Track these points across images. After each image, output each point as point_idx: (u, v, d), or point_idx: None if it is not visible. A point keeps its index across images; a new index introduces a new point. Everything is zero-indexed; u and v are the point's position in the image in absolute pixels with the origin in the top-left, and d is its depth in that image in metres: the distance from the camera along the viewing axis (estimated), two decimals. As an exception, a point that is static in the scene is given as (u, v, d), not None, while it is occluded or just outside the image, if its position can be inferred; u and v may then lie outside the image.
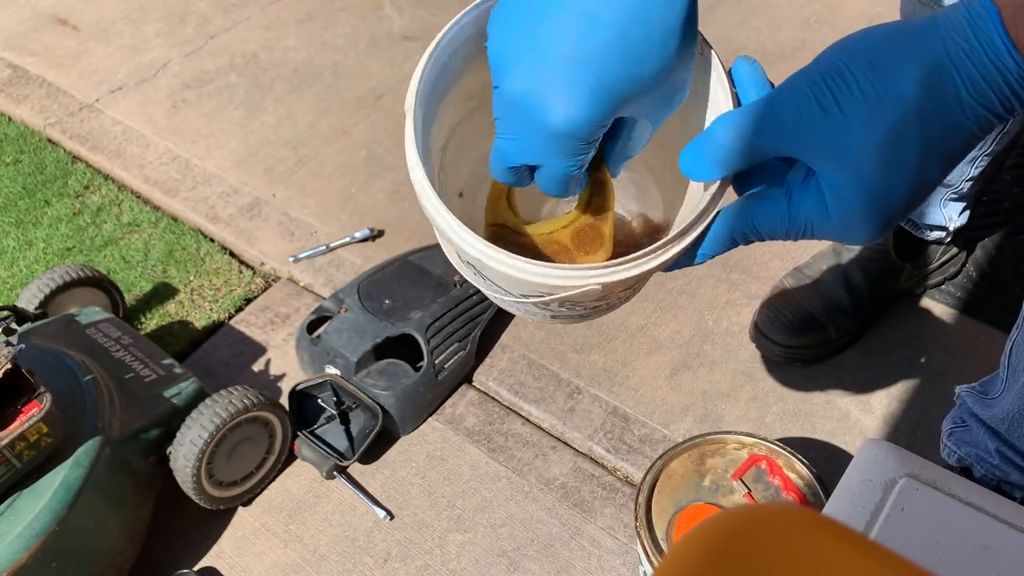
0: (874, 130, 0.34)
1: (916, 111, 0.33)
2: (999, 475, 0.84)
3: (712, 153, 0.39)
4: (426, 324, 1.13)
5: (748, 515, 0.23)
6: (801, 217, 0.38)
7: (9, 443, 0.86)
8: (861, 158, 0.34)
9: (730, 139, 0.38)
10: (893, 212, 0.36)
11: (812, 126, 0.35)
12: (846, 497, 0.60)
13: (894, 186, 0.35)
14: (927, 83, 0.33)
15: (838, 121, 0.35)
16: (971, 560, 0.55)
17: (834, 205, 0.36)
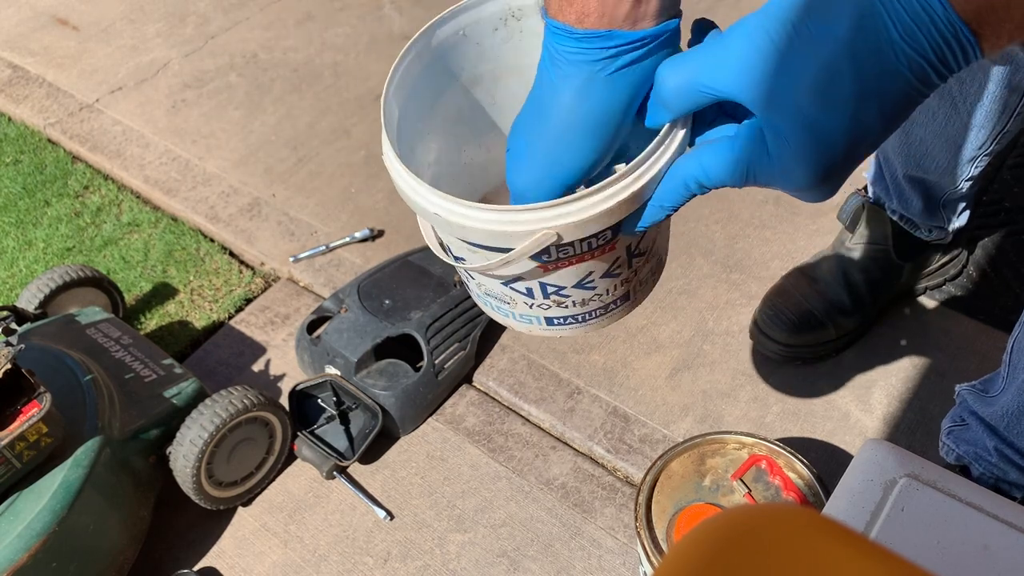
0: (807, 68, 0.35)
1: (848, 49, 0.34)
2: (997, 473, 0.84)
3: (657, 95, 0.41)
4: (426, 324, 1.13)
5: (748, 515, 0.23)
6: (744, 159, 0.39)
7: (9, 443, 0.86)
8: (797, 96, 0.35)
9: (673, 81, 0.40)
10: (833, 157, 0.37)
11: (750, 66, 0.36)
12: (846, 497, 0.60)
13: (831, 126, 0.36)
14: (858, 23, 0.34)
15: (774, 60, 0.36)
16: (971, 560, 0.55)
17: (774, 147, 0.37)
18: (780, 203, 1.33)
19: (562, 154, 0.42)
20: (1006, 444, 0.81)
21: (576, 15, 0.40)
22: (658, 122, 0.42)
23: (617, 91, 0.41)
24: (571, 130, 0.41)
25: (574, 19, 0.40)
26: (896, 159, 1.03)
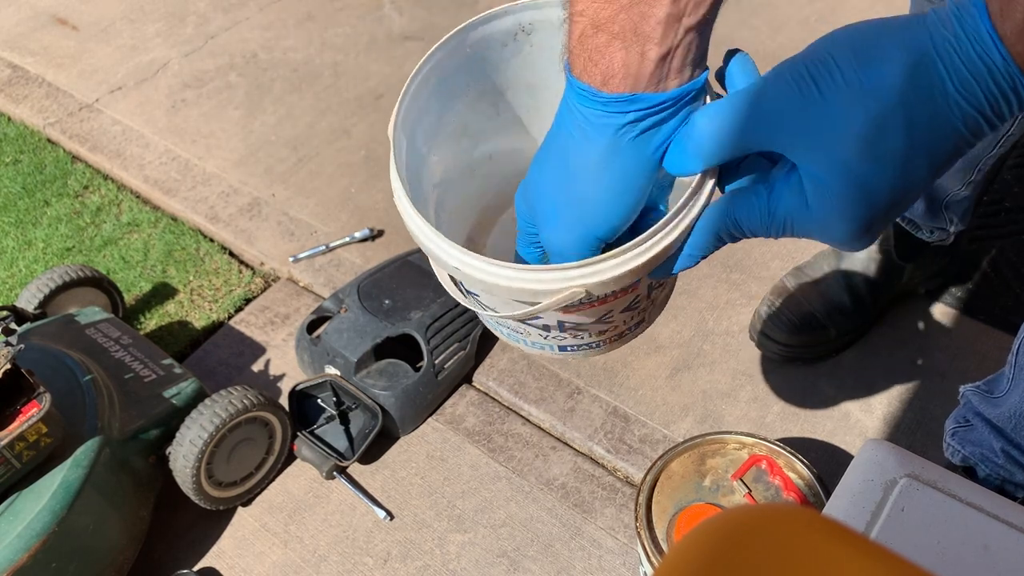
0: (856, 119, 0.33)
1: (900, 101, 0.32)
2: (1003, 475, 0.84)
3: (692, 144, 0.39)
4: (426, 324, 1.13)
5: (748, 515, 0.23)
6: (781, 211, 0.38)
7: (8, 443, 0.86)
8: (843, 148, 0.34)
9: (711, 129, 0.38)
10: (876, 211, 0.35)
11: (793, 116, 0.35)
12: (846, 497, 0.60)
13: (877, 181, 0.34)
14: (912, 73, 0.32)
15: (820, 110, 0.34)
16: (971, 560, 0.55)
17: (814, 198, 0.36)
18: (780, 203, 1.33)
19: (595, 215, 0.42)
20: (1013, 445, 0.81)
21: (601, 77, 0.38)
22: (689, 171, 0.41)
23: (644, 152, 0.40)
24: (601, 191, 0.41)
25: (599, 81, 0.39)
26: None
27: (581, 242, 0.42)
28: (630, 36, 0.37)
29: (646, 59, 0.38)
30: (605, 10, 0.37)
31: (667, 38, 0.38)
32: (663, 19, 0.37)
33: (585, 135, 0.40)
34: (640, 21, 0.37)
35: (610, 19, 0.37)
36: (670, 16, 0.37)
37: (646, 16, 0.37)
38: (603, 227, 0.42)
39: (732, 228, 0.40)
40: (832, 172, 0.34)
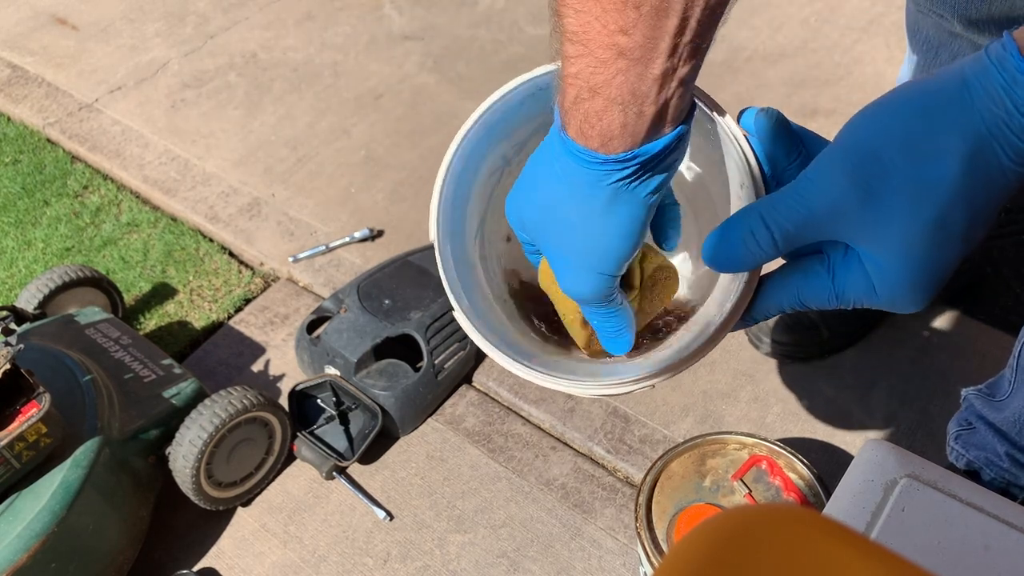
0: (919, 217, 0.33)
1: (961, 192, 0.33)
2: (1008, 478, 0.84)
3: (741, 248, 0.39)
4: (426, 324, 1.13)
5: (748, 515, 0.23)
6: (848, 295, 0.38)
7: (8, 443, 0.86)
8: (907, 243, 0.34)
9: (761, 234, 0.38)
10: (941, 281, 0.36)
11: (852, 213, 0.35)
12: (847, 497, 0.60)
13: (942, 263, 0.35)
14: (970, 162, 0.32)
15: (880, 211, 0.34)
16: (972, 561, 0.55)
17: (881, 285, 0.36)
18: (780, 203, 1.33)
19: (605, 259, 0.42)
20: (1017, 449, 0.81)
21: (600, 139, 0.38)
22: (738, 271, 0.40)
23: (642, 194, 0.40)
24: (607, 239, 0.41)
25: (598, 144, 0.38)
26: None
27: (597, 284, 0.43)
28: (628, 98, 0.37)
29: (643, 117, 0.37)
30: (600, 74, 0.36)
31: (662, 92, 0.37)
32: (659, 76, 0.36)
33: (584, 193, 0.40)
34: (637, 82, 0.36)
35: (606, 83, 0.36)
36: (666, 72, 0.36)
37: (643, 76, 0.36)
38: (614, 266, 0.42)
39: (796, 305, 0.40)
40: (898, 261, 0.35)
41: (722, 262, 0.40)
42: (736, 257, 0.39)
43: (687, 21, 0.35)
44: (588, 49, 0.36)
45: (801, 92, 1.56)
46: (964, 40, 0.83)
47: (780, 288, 0.41)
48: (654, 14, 0.34)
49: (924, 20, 0.86)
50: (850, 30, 1.68)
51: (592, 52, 0.36)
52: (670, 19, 0.34)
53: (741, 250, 0.39)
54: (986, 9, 0.72)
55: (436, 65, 1.77)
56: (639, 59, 0.35)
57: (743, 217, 0.39)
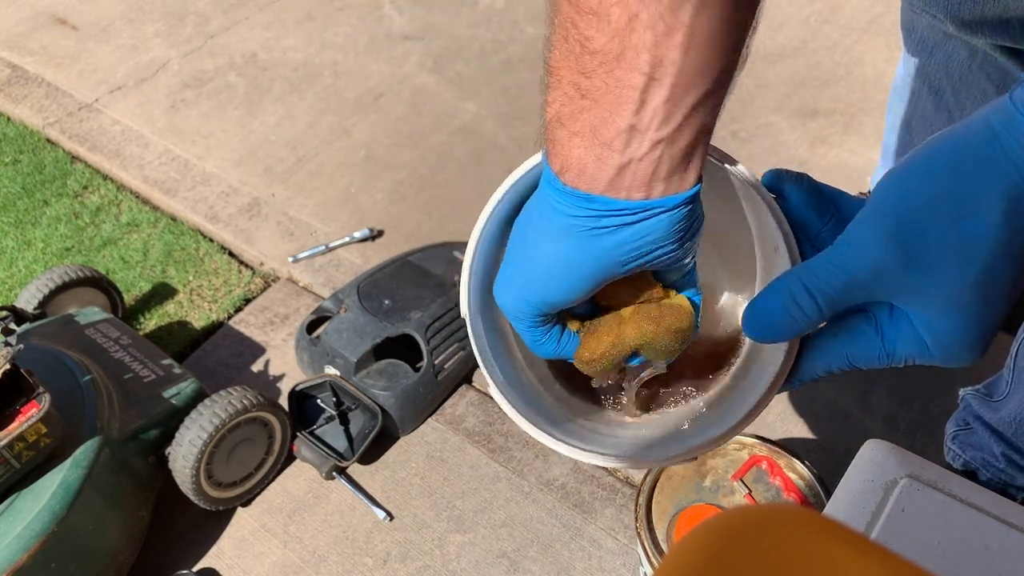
0: (964, 276, 0.33)
1: (1003, 245, 0.32)
2: (1005, 479, 0.84)
3: (784, 316, 0.38)
4: (426, 324, 1.13)
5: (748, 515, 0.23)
6: (900, 353, 0.37)
7: (8, 444, 0.86)
8: (955, 303, 0.34)
9: (804, 301, 0.37)
10: (993, 332, 0.36)
11: (895, 279, 0.34)
12: (847, 498, 0.60)
13: (992, 315, 0.34)
14: (1009, 214, 0.32)
15: (924, 273, 0.34)
16: (972, 561, 0.55)
17: (933, 342, 0.36)
18: (780, 203, 1.33)
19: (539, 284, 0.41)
20: (1014, 450, 0.81)
21: (560, 166, 0.38)
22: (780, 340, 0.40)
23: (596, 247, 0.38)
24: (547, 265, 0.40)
25: (557, 169, 0.38)
26: None
27: (524, 304, 0.42)
28: (589, 137, 0.36)
29: (604, 164, 0.36)
30: (567, 107, 0.36)
31: (629, 148, 0.36)
32: (624, 129, 0.35)
33: (543, 210, 0.39)
34: (599, 125, 0.36)
35: (571, 116, 0.36)
36: (632, 127, 0.35)
37: (605, 122, 0.35)
38: (545, 298, 0.41)
39: (845, 366, 0.40)
40: (948, 320, 0.35)
41: (764, 331, 0.39)
42: (779, 325, 0.39)
43: (654, 82, 0.34)
44: (559, 83, 0.36)
45: (801, 92, 1.56)
46: (958, 41, 0.83)
47: (826, 350, 0.40)
48: (613, 63, 0.34)
49: (918, 20, 0.86)
50: (850, 30, 1.68)
51: (562, 86, 0.36)
52: (632, 74, 0.34)
53: (784, 318, 0.38)
54: (979, 10, 0.72)
55: (436, 65, 1.77)
56: (601, 104, 0.35)
57: (783, 285, 0.38)
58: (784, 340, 0.40)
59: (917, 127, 0.95)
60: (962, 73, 0.85)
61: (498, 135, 1.57)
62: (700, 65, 0.34)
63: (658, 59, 0.33)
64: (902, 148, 0.99)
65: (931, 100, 0.91)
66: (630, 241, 0.38)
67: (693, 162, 0.38)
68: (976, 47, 0.81)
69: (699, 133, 0.37)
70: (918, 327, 0.36)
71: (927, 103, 0.92)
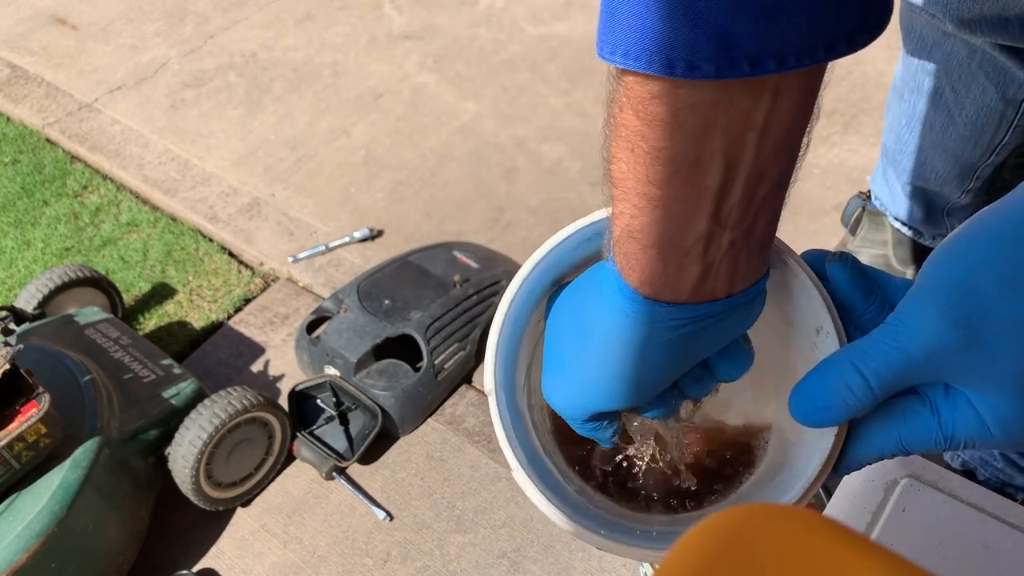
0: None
1: None
2: (1003, 478, 0.84)
3: (835, 399, 0.36)
4: (426, 324, 1.13)
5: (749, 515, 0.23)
6: (959, 436, 0.35)
7: (8, 444, 0.86)
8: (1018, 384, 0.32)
9: (856, 383, 0.35)
10: None
11: (954, 359, 0.33)
12: (847, 498, 0.60)
13: None
14: None
15: (985, 352, 0.32)
16: (972, 561, 0.55)
17: (997, 426, 0.34)
18: (780, 203, 1.33)
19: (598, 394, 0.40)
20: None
21: (638, 280, 0.36)
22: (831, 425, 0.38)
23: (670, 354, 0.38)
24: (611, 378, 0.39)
25: (636, 283, 0.36)
26: (897, 168, 1.02)
27: (581, 410, 0.41)
28: (667, 248, 0.35)
29: (686, 273, 0.35)
30: (638, 219, 0.35)
31: (708, 252, 0.35)
32: (702, 235, 0.34)
33: (612, 317, 0.38)
34: (676, 235, 0.35)
35: (643, 230, 0.35)
36: (711, 232, 0.34)
37: (682, 230, 0.34)
38: (616, 404, 0.40)
39: (898, 452, 0.38)
40: (1013, 404, 0.33)
41: (813, 415, 0.38)
42: (829, 409, 0.37)
43: (729, 182, 0.33)
44: (626, 195, 0.35)
45: (801, 92, 1.56)
46: (957, 40, 0.83)
47: (876, 434, 0.38)
48: (687, 171, 0.33)
49: (917, 19, 0.86)
50: (850, 30, 1.68)
51: (629, 198, 0.35)
52: (707, 178, 0.33)
53: (835, 401, 0.36)
54: (977, 9, 0.72)
55: (436, 65, 1.77)
56: (675, 214, 0.34)
57: (832, 366, 0.37)
58: (833, 425, 0.38)
59: (916, 126, 0.95)
60: (961, 72, 0.85)
61: (498, 135, 1.57)
62: (772, 156, 0.33)
63: (733, 159, 0.33)
64: (901, 147, 0.99)
65: (930, 99, 0.91)
66: (714, 338, 0.38)
67: (766, 248, 0.37)
68: (975, 46, 0.81)
69: (772, 220, 0.36)
70: (979, 409, 0.34)
71: (926, 102, 0.92)
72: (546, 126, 1.57)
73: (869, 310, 0.40)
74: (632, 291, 0.36)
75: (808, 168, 1.40)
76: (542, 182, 1.46)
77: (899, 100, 0.97)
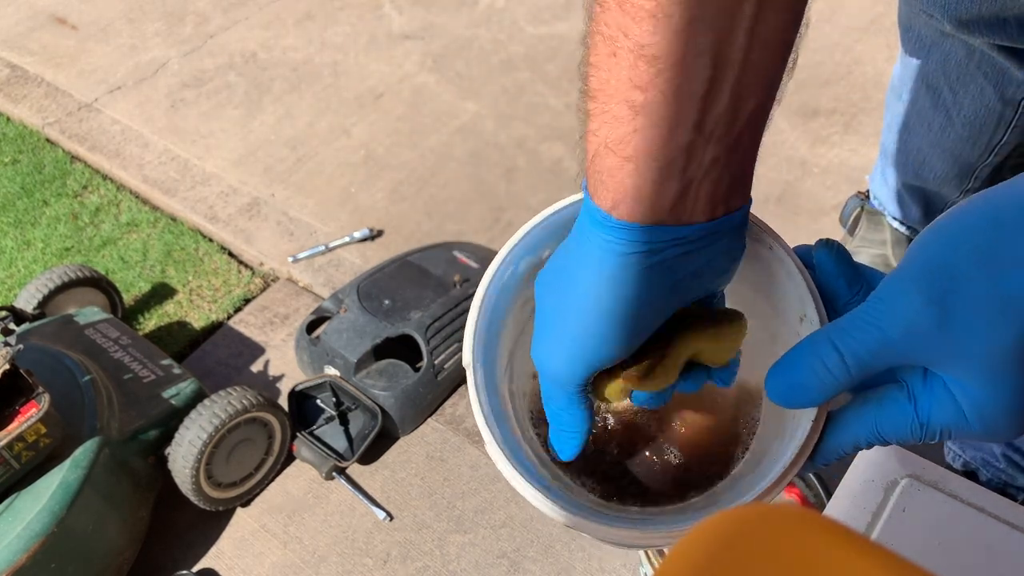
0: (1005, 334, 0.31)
1: None
2: (1005, 479, 0.84)
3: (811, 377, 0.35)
4: (426, 324, 1.13)
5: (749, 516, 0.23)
6: (935, 424, 0.34)
7: (7, 444, 0.86)
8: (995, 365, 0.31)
9: (832, 361, 0.35)
10: None
11: (930, 338, 0.32)
12: (848, 498, 0.60)
13: None
14: None
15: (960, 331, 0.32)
16: (973, 561, 0.55)
17: (973, 412, 0.33)
18: (781, 203, 1.33)
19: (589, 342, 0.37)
20: (1013, 450, 0.81)
21: (612, 200, 0.35)
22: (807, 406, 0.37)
23: (657, 284, 0.36)
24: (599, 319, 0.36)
25: (609, 204, 0.35)
26: (896, 167, 1.02)
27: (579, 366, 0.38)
28: (645, 160, 0.33)
29: (665, 188, 0.34)
30: (616, 131, 0.33)
31: (690, 166, 0.34)
32: (685, 145, 0.33)
33: (588, 254, 0.36)
34: (657, 144, 0.33)
35: (622, 141, 0.33)
36: (692, 143, 0.33)
37: (664, 139, 0.33)
38: (606, 354, 0.38)
39: (875, 440, 0.37)
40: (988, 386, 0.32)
41: (789, 395, 0.37)
42: (805, 387, 0.36)
43: (715, 88, 0.32)
44: (606, 106, 0.34)
45: (801, 92, 1.56)
46: (955, 40, 0.83)
47: (853, 422, 0.37)
48: (672, 72, 0.31)
49: (916, 19, 0.86)
50: (851, 30, 1.68)
51: (609, 109, 0.33)
52: (692, 82, 0.32)
53: (811, 380, 0.35)
54: (976, 9, 0.72)
55: (436, 65, 1.77)
56: (658, 120, 0.33)
57: (810, 344, 0.36)
58: (809, 405, 0.37)
59: (915, 126, 0.95)
60: (960, 72, 0.85)
61: (498, 135, 1.57)
62: (759, 67, 0.32)
63: (721, 60, 0.32)
64: (900, 147, 0.99)
65: (929, 99, 0.91)
66: (696, 270, 0.36)
67: (747, 176, 0.36)
68: (973, 46, 0.81)
69: (753, 141, 0.35)
70: (955, 394, 0.33)
71: (925, 102, 0.92)
72: (546, 126, 1.57)
73: (853, 300, 0.40)
74: (605, 214, 0.35)
75: (808, 168, 1.40)
76: (542, 182, 1.46)
77: (897, 100, 0.97)
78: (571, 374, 0.38)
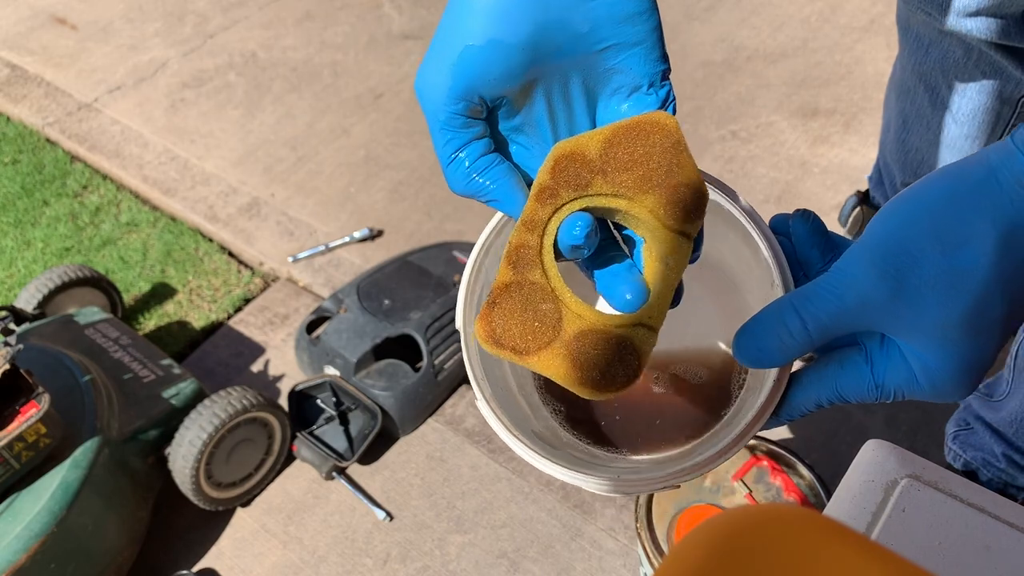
0: (955, 306, 0.33)
1: (996, 278, 0.32)
2: (1005, 479, 0.84)
3: (773, 339, 0.37)
4: (425, 324, 1.13)
5: (749, 516, 0.23)
6: (889, 385, 0.37)
7: (7, 444, 0.86)
8: (945, 335, 0.33)
9: (793, 324, 0.37)
10: (984, 367, 0.35)
11: (885, 308, 0.34)
12: (847, 498, 0.60)
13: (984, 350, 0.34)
14: (1003, 247, 0.32)
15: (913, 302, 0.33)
16: (973, 561, 0.54)
17: (923, 375, 0.35)
18: (781, 202, 1.33)
19: (452, 35, 0.35)
20: (1014, 450, 0.81)
21: None
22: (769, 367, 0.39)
23: None
24: (474, 21, 0.34)
25: None
26: (894, 166, 1.02)
27: (449, 80, 0.35)
28: None
29: None
30: None
31: None
32: None
33: None
34: None
35: None
36: None
37: None
38: (477, 71, 0.35)
39: (835, 399, 0.39)
40: (938, 352, 0.34)
41: (753, 354, 0.39)
42: (768, 349, 0.38)
43: None
44: None
45: (801, 92, 1.56)
46: (953, 38, 0.83)
47: (815, 382, 0.39)
48: None
49: (914, 18, 0.87)
50: (850, 30, 1.68)
51: None
52: None
53: (773, 342, 0.38)
54: (973, 8, 0.72)
55: (436, 65, 1.77)
56: None
57: (774, 308, 0.38)
58: (773, 366, 0.39)
59: (913, 125, 0.95)
60: (957, 71, 0.85)
61: (498, 135, 1.57)
62: None
63: None
64: (898, 146, 0.99)
65: (927, 97, 0.91)
66: None
67: None
68: (972, 45, 0.81)
69: None
70: (908, 359, 0.35)
71: (923, 100, 0.92)
72: (546, 126, 1.57)
73: (825, 267, 0.41)
74: None
75: (808, 168, 1.40)
76: (542, 182, 1.46)
77: (896, 99, 0.97)
78: (445, 90, 0.36)
